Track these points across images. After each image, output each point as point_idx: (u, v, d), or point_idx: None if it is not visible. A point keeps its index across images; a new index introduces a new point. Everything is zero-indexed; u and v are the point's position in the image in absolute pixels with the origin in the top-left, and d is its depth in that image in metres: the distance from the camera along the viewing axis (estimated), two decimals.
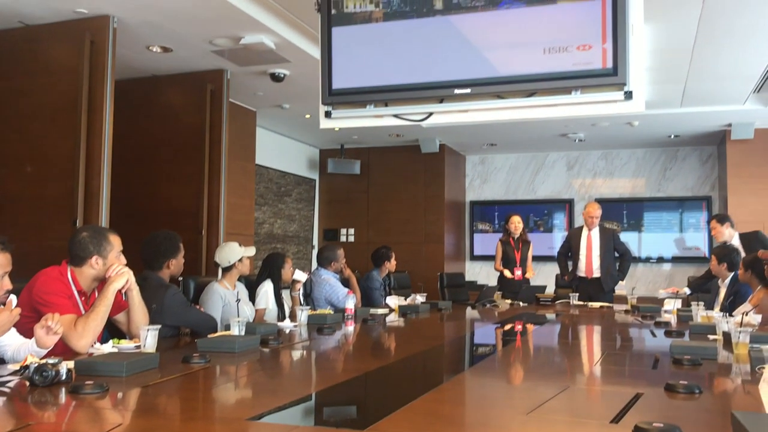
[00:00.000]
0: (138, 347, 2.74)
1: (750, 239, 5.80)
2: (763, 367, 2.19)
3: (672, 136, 8.63)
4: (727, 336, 3.12)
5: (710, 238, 8.96)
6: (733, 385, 2.41)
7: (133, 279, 2.97)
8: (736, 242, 5.95)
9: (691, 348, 2.84)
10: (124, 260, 3.00)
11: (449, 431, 1.62)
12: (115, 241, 3.01)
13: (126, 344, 2.83)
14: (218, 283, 4.19)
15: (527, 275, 7.04)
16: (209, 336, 3.10)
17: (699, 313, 4.18)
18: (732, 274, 5.12)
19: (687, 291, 5.97)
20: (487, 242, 9.75)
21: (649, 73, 5.80)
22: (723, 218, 6.13)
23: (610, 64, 3.21)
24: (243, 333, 3.15)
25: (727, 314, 3.90)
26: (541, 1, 3.30)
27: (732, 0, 4.38)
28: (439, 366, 3.07)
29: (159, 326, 2.74)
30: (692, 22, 4.78)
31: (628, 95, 3.24)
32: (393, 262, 5.99)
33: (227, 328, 3.34)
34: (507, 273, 6.90)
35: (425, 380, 2.62)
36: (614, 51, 3.18)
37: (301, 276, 4.56)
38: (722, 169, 8.53)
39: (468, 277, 9.76)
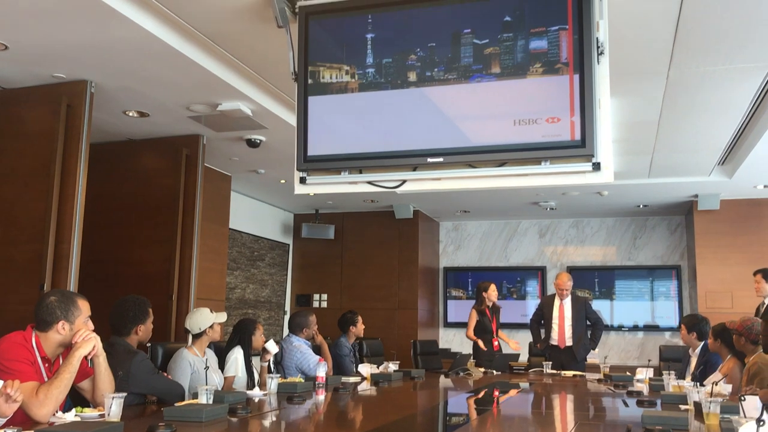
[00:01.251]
0: (102, 416, 2.67)
1: None
2: None
3: (641, 206, 8.82)
4: (698, 406, 3.13)
5: (681, 308, 9.06)
6: None
7: (100, 345, 2.91)
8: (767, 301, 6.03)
9: (663, 418, 2.84)
10: (91, 326, 2.94)
11: None
12: (84, 307, 2.96)
13: (89, 413, 2.75)
14: (187, 350, 4.11)
15: (513, 348, 6.99)
16: (176, 404, 3.03)
17: (670, 382, 4.19)
18: (702, 343, 5.16)
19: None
20: (461, 309, 9.73)
21: (617, 145, 5.97)
22: None
23: (578, 137, 3.29)
24: (211, 401, 3.09)
25: (698, 384, 3.91)
26: (511, 75, 3.41)
27: (694, 77, 4.56)
28: None
29: (124, 394, 2.68)
30: (657, 97, 4.95)
31: (596, 166, 3.31)
32: (360, 326, 5.93)
33: (195, 396, 3.28)
34: (481, 344, 6.86)
35: None
36: (582, 124, 3.27)
37: (272, 347, 4.48)
38: (690, 239, 8.69)
39: (441, 345, 9.70)
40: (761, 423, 1.62)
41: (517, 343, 7.10)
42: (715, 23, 3.80)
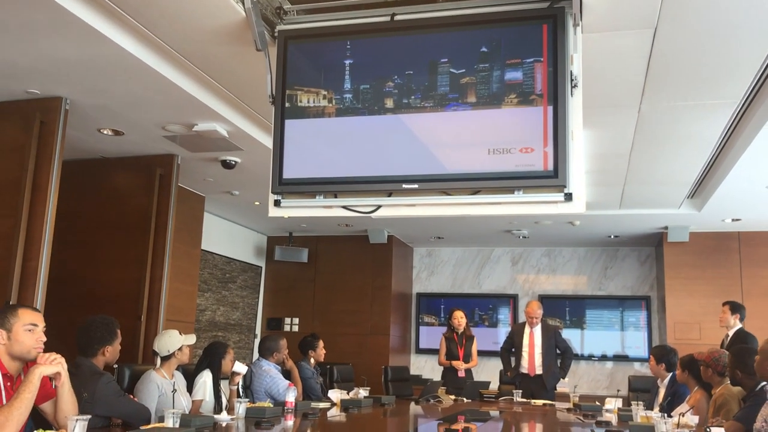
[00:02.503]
0: None
1: (743, 338, 5.88)
2: None
3: (612, 237, 8.93)
4: None
5: (650, 338, 9.15)
6: None
7: (65, 369, 2.83)
8: (731, 333, 6.08)
9: None
10: (43, 337, 2.87)
11: None
12: (24, 314, 2.87)
13: None
14: (155, 372, 4.05)
15: (469, 365, 7.01)
16: (142, 428, 2.98)
17: (638, 413, 4.21)
18: (670, 374, 5.20)
19: None
20: (433, 335, 9.72)
21: (589, 176, 6.05)
22: (737, 308, 6.21)
23: (551, 167, 3.33)
24: (177, 425, 3.04)
25: (666, 414, 3.94)
26: (487, 104, 3.45)
27: (665, 111, 4.66)
28: None
29: (89, 416, 2.62)
30: (629, 130, 5.04)
31: (568, 197, 3.36)
32: (320, 351, 5.88)
33: (161, 419, 3.22)
34: (456, 364, 6.86)
35: None
36: (555, 154, 3.32)
37: (240, 368, 4.45)
38: (660, 270, 8.80)
39: (413, 371, 9.66)
40: None
41: (474, 360, 7.07)
42: (686, 60, 3.90)
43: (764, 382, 3.58)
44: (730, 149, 5.38)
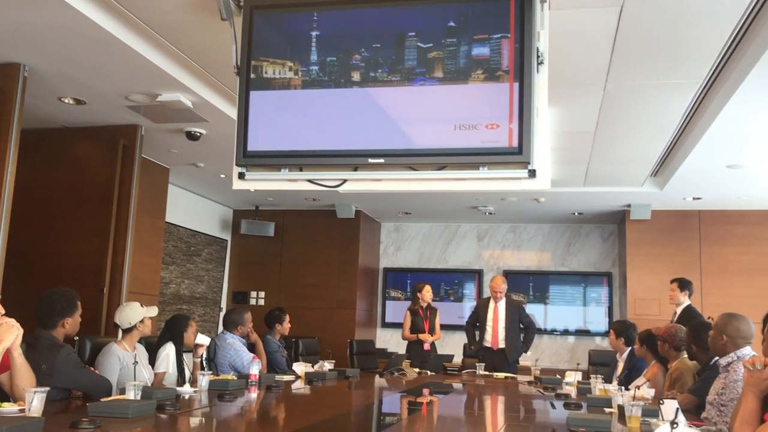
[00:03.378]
0: (22, 411, 2.58)
1: (691, 314, 6.03)
2: None
3: (576, 214, 9.04)
4: (621, 409, 3.23)
5: (611, 314, 9.33)
6: None
7: (18, 337, 2.79)
8: (679, 310, 6.22)
9: (587, 420, 2.92)
10: (0, 309, 2.83)
11: None
12: None
13: (9, 407, 2.65)
14: (117, 345, 4.01)
15: (434, 338, 7.10)
16: (102, 400, 2.96)
17: (597, 386, 4.31)
18: (629, 348, 5.32)
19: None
20: (399, 310, 9.77)
21: (554, 153, 6.10)
22: (685, 284, 6.37)
23: (515, 144, 3.35)
24: (138, 397, 3.02)
25: (623, 388, 4.04)
26: (453, 80, 3.45)
27: (630, 90, 4.71)
28: None
29: (47, 389, 2.59)
30: (594, 108, 5.09)
31: (532, 173, 3.38)
32: (286, 325, 5.88)
33: (123, 391, 3.20)
34: (423, 337, 6.94)
35: None
36: (520, 131, 3.34)
37: (203, 340, 4.43)
38: (622, 247, 8.96)
39: (378, 345, 9.73)
40: (675, 425, 1.69)
41: (438, 333, 7.17)
42: (651, 39, 3.93)
43: (717, 357, 3.69)
44: (693, 129, 5.46)
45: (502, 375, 5.99)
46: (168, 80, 4.68)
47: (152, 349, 4.37)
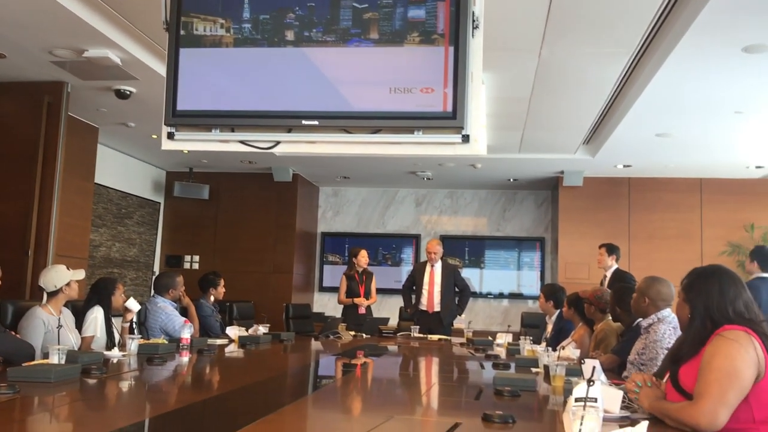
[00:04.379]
0: None
1: (620, 277, 6.20)
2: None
3: (511, 180, 9.19)
4: (547, 369, 3.32)
5: (543, 278, 9.58)
6: (545, 415, 2.56)
7: None
8: (609, 273, 6.40)
9: (512, 380, 3.00)
10: None
11: None
12: None
13: None
14: (41, 308, 3.90)
15: (369, 302, 7.16)
16: (24, 364, 2.87)
17: (525, 347, 4.43)
18: (558, 311, 5.47)
19: None
20: (337, 274, 9.76)
21: (490, 120, 6.15)
22: (612, 249, 6.53)
23: (450, 108, 3.35)
24: (63, 361, 2.95)
25: (550, 349, 4.16)
26: (389, 42, 3.41)
27: (564, 57, 4.77)
28: (269, 398, 3.02)
29: None
30: (529, 75, 5.14)
31: (466, 138, 3.40)
32: (220, 289, 5.83)
33: (47, 356, 3.12)
34: (358, 300, 6.98)
35: (252, 411, 2.56)
36: (454, 96, 3.34)
37: (133, 306, 4.33)
38: (555, 213, 9.17)
39: (316, 309, 9.75)
40: (591, 383, 1.75)
41: (374, 296, 7.24)
42: (584, 6, 3.98)
43: (640, 319, 3.83)
44: (624, 97, 5.59)
45: (436, 337, 6.09)
46: (95, 35, 4.48)
47: (80, 313, 4.26)
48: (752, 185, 8.40)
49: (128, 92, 5.67)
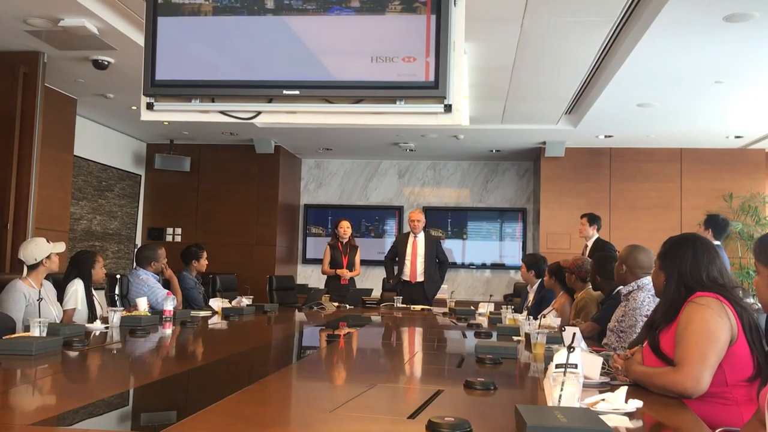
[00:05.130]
0: None
1: (602, 246, 6.25)
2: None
3: (494, 151, 9.19)
4: (528, 337, 3.36)
5: (524, 248, 9.65)
6: (526, 381, 2.60)
7: None
8: (590, 243, 6.44)
9: (494, 348, 3.03)
10: None
11: (248, 431, 1.60)
12: None
13: None
14: (22, 281, 3.87)
15: (353, 274, 7.18)
16: (4, 337, 2.86)
17: (507, 315, 4.47)
18: (539, 280, 5.52)
19: None
20: (320, 246, 9.76)
21: (472, 90, 6.13)
22: (594, 219, 6.58)
23: (432, 78, 3.34)
24: (44, 334, 2.94)
25: (531, 317, 4.20)
26: (370, 10, 3.38)
27: (546, 27, 4.74)
28: (253, 368, 3.03)
29: None
30: (511, 44, 5.11)
31: (448, 108, 3.39)
32: (203, 262, 5.81)
33: (27, 329, 3.10)
34: (341, 272, 6.99)
35: (235, 381, 2.57)
36: (436, 65, 3.32)
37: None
38: (537, 184, 9.21)
39: (299, 280, 9.76)
40: (571, 349, 1.77)
41: (357, 269, 7.27)
42: None
43: (620, 287, 3.87)
44: (605, 67, 5.58)
45: (419, 307, 6.13)
46: (70, 3, 4.39)
47: (60, 286, 4.24)
48: (731, 155, 8.47)
49: (106, 62, 5.57)
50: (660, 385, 2.20)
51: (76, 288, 4.19)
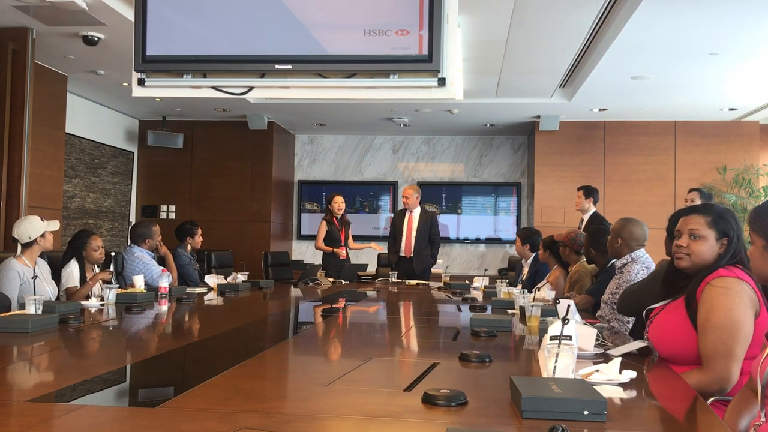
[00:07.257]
0: None
1: (599, 220, 6.21)
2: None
3: (488, 125, 9.16)
4: (522, 310, 3.38)
5: (519, 222, 9.67)
6: (521, 353, 2.62)
7: None
8: (586, 217, 6.43)
9: (489, 321, 3.05)
10: None
11: (245, 405, 1.61)
12: None
13: None
14: (16, 259, 3.87)
15: (350, 246, 7.18)
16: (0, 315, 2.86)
17: (501, 289, 4.49)
18: (534, 254, 5.55)
19: None
20: (315, 222, 9.80)
21: (466, 63, 6.10)
22: (590, 192, 6.52)
23: (425, 51, 3.32)
24: (40, 312, 2.94)
25: (526, 291, 4.22)
26: None
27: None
28: (250, 343, 3.05)
29: None
30: (505, 17, 5.07)
31: (442, 82, 3.38)
32: (197, 239, 5.81)
33: (23, 307, 3.10)
34: (336, 250, 6.99)
35: (232, 356, 2.59)
36: (430, 38, 3.30)
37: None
38: (531, 158, 9.20)
39: (294, 256, 9.78)
40: (566, 321, 1.78)
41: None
42: None
43: (614, 260, 3.89)
44: (600, 40, 5.55)
45: (414, 282, 6.15)
46: None
47: (56, 265, 4.24)
48: (725, 127, 8.47)
49: (96, 38, 5.51)
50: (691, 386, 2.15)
51: (71, 269, 4.20)
